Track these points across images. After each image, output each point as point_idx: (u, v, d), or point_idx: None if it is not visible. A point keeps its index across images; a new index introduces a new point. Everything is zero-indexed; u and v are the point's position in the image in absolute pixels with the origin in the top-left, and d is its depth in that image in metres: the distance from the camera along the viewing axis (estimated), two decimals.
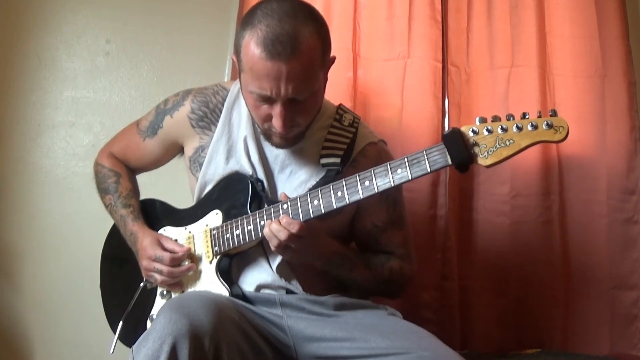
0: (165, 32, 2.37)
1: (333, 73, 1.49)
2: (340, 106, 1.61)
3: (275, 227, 1.35)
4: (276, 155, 1.55)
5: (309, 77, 1.37)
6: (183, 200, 1.67)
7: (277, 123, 1.38)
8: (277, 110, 1.37)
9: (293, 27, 1.31)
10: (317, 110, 1.49)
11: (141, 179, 1.77)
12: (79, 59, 2.37)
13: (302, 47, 1.32)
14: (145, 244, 1.55)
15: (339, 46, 2.02)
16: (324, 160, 1.51)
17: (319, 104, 1.48)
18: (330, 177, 1.48)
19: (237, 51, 1.39)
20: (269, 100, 1.37)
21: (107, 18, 2.38)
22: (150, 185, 1.79)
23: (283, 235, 1.34)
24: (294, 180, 1.53)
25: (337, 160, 1.50)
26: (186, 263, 1.54)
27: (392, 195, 1.56)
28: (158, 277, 1.53)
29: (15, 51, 2.34)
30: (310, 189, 1.44)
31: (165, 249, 1.53)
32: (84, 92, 2.36)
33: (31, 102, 2.34)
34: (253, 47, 1.31)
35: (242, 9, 2.19)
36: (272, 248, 1.38)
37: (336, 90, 1.95)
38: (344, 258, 1.49)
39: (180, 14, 2.38)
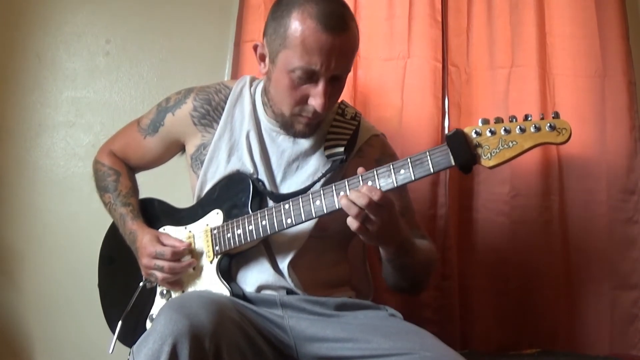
0: (165, 32, 2.37)
1: None
2: (342, 101, 1.63)
3: (354, 194, 1.27)
4: (282, 150, 1.55)
5: (352, 54, 1.44)
6: (183, 200, 1.67)
7: (317, 102, 1.40)
8: (320, 88, 1.39)
9: (339, 7, 1.40)
10: None
11: (141, 178, 1.77)
12: (79, 59, 2.37)
13: (350, 25, 1.40)
14: (144, 241, 1.54)
15: None
16: (328, 152, 1.52)
17: (344, 87, 1.50)
18: (336, 166, 1.49)
19: (278, 31, 1.39)
20: (311, 77, 1.39)
21: (107, 18, 2.38)
22: (150, 185, 1.78)
23: (363, 201, 1.26)
24: (301, 174, 1.54)
25: (341, 149, 1.52)
26: (187, 258, 1.54)
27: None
28: (159, 274, 1.52)
29: (15, 51, 2.34)
30: (316, 181, 1.48)
31: (165, 245, 1.53)
32: (84, 92, 2.36)
33: (31, 102, 2.34)
34: (308, 21, 1.35)
35: (242, 9, 2.19)
36: (351, 221, 1.29)
37: None
38: (410, 243, 1.44)
39: (180, 14, 2.38)
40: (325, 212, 1.36)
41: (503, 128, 1.22)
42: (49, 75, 2.35)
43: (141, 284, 1.59)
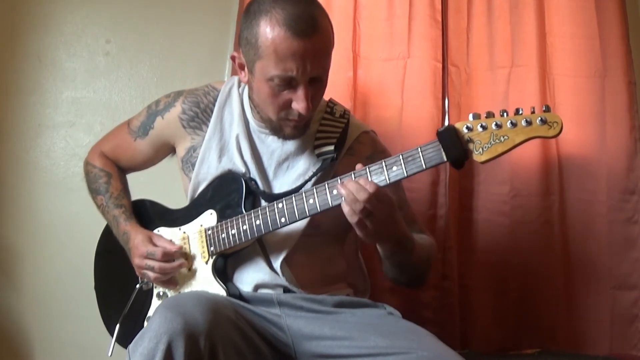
0: (165, 32, 2.37)
1: (333, 73, 1.49)
2: (330, 99, 1.63)
3: (353, 186, 1.27)
4: (272, 151, 1.55)
5: (328, 54, 1.42)
6: (177, 201, 1.66)
7: (300, 105, 1.39)
8: (300, 92, 1.38)
9: (307, 8, 1.37)
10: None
11: (139, 179, 1.77)
12: (79, 59, 2.37)
13: (320, 25, 1.37)
14: (137, 242, 1.55)
15: (339, 46, 2.01)
16: (318, 151, 1.52)
17: (326, 85, 1.49)
18: (327, 165, 1.49)
19: (250, 42, 1.38)
20: (290, 83, 1.38)
21: (107, 18, 2.38)
22: (145, 186, 1.78)
23: (363, 195, 1.25)
24: (291, 174, 1.54)
25: (331, 148, 1.52)
26: (179, 260, 1.53)
27: None
28: (150, 274, 1.52)
29: (15, 51, 2.34)
30: (307, 180, 1.47)
31: (156, 246, 1.53)
32: (84, 92, 2.36)
33: (31, 102, 2.34)
34: (276, 29, 1.33)
35: (241, 10, 2.19)
36: (350, 213, 1.27)
37: (336, 90, 1.95)
38: (409, 240, 1.42)
39: (181, 14, 2.38)
40: (318, 210, 1.36)
41: (494, 123, 1.23)
42: (49, 75, 2.35)
43: (138, 285, 1.60)
